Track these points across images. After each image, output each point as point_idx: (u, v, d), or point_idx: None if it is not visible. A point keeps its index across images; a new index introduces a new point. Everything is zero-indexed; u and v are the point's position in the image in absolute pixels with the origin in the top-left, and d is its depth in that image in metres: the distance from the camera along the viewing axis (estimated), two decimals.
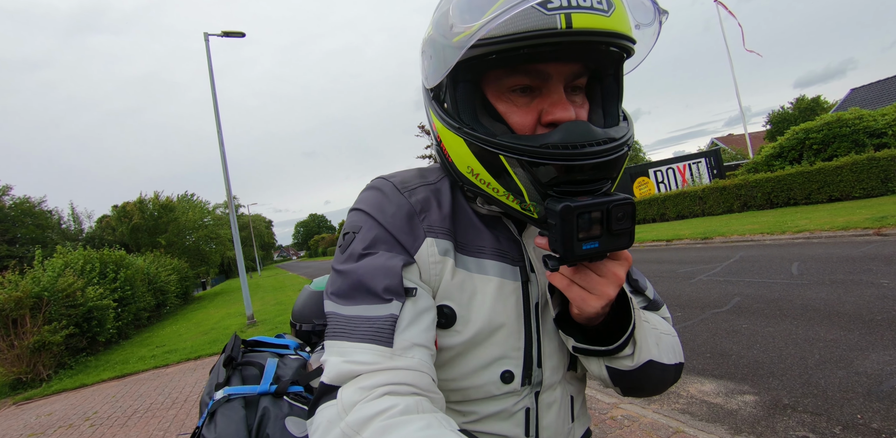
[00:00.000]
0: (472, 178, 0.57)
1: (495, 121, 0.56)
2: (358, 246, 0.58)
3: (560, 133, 0.51)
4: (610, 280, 0.53)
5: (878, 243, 6.35)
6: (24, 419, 5.38)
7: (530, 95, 0.55)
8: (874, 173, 10.82)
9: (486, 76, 0.56)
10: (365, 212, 0.61)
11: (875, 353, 2.99)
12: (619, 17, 0.50)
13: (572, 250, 0.48)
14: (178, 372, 6.43)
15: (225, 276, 53.54)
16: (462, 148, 0.55)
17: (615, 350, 0.58)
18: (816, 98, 33.95)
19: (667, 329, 0.68)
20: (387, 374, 0.48)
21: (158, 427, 4.16)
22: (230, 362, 1.05)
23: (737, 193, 13.73)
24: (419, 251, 0.58)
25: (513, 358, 0.61)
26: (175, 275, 18.03)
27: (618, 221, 0.48)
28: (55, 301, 7.98)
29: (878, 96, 21.93)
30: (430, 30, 0.57)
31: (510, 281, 0.62)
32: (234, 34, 10.01)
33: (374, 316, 0.52)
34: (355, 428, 0.43)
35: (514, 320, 0.61)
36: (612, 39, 0.50)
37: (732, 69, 21.27)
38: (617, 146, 0.51)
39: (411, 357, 0.51)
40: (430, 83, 0.59)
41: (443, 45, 0.53)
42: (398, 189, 0.63)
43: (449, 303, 0.59)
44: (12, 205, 28.61)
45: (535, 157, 0.50)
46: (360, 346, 0.51)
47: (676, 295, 5.46)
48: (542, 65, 0.52)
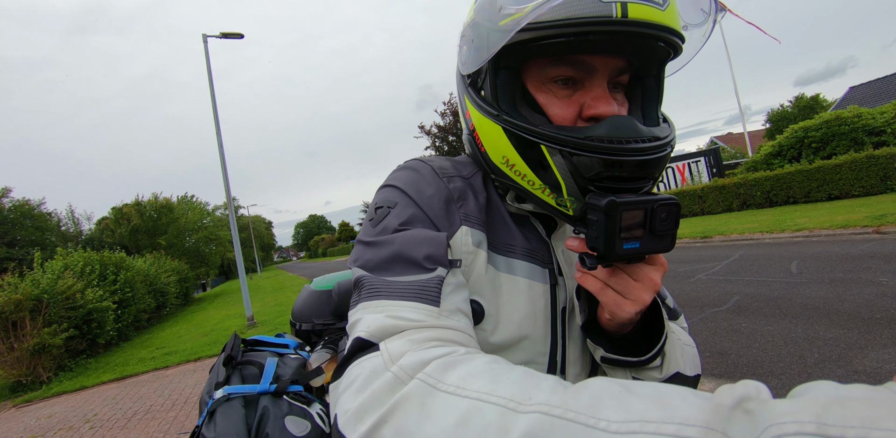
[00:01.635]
0: (506, 169, 0.54)
1: (534, 112, 0.54)
2: (394, 221, 0.54)
3: (606, 126, 0.49)
4: (646, 285, 0.50)
5: (877, 241, 6.35)
6: (23, 421, 5.37)
7: (572, 88, 0.53)
8: (873, 171, 10.83)
9: (527, 65, 0.54)
10: (401, 189, 0.58)
11: (874, 352, 2.99)
12: (673, 13, 0.49)
13: (613, 248, 0.45)
14: (178, 374, 6.42)
15: (225, 277, 53.50)
16: (500, 137, 0.53)
17: (646, 361, 0.55)
18: (816, 96, 34.03)
19: (688, 340, 0.66)
20: (436, 331, 0.43)
21: (158, 428, 4.15)
22: (230, 361, 1.05)
23: (736, 192, 13.74)
24: (454, 238, 0.55)
25: (539, 363, 0.59)
26: (175, 277, 18.02)
27: (661, 222, 0.46)
28: (55, 303, 7.97)
29: (877, 94, 21.96)
30: (471, 15, 0.56)
31: (539, 283, 0.59)
32: (232, 36, 10.00)
33: (421, 277, 0.48)
34: (409, 372, 0.37)
35: (542, 324, 0.59)
36: (665, 34, 0.48)
37: (731, 68, 21.30)
38: (663, 145, 0.50)
39: (458, 320, 0.47)
40: (468, 69, 0.57)
41: (488, 29, 0.51)
42: (437, 173, 0.60)
43: (478, 298, 0.56)
44: (12, 208, 28.61)
45: (579, 149, 0.48)
46: (404, 304, 0.46)
47: (676, 294, 5.46)
48: (589, 56, 0.51)
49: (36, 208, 29.97)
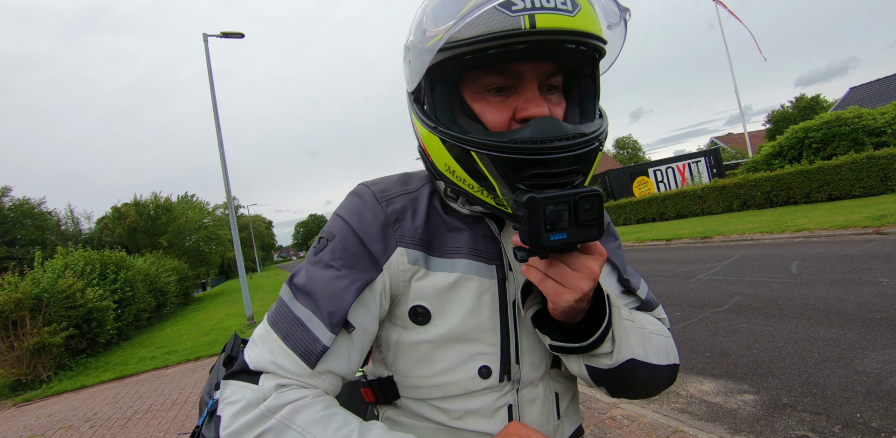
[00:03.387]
0: (450, 176, 0.59)
1: (472, 121, 0.57)
2: (327, 256, 0.62)
3: (530, 128, 0.53)
4: (583, 273, 0.53)
5: (877, 242, 6.35)
6: (23, 420, 5.38)
7: (506, 94, 0.57)
8: (873, 172, 10.82)
9: (463, 78, 0.58)
10: (344, 219, 0.65)
11: (874, 352, 2.99)
12: (586, 17, 0.51)
13: (539, 241, 0.49)
14: (178, 373, 6.43)
15: (225, 277, 53.52)
16: (440, 147, 0.57)
17: (589, 346, 0.58)
18: (816, 97, 34.01)
19: (658, 329, 0.68)
20: (300, 385, 0.57)
21: (158, 428, 4.16)
22: (230, 361, 1.05)
23: (736, 192, 13.74)
24: (390, 259, 0.62)
25: (489, 353, 0.63)
26: (175, 276, 18.03)
27: (585, 212, 0.49)
28: (55, 302, 7.97)
29: (878, 95, 21.93)
30: (409, 36, 0.60)
31: (485, 279, 0.63)
32: (233, 35, 10.01)
33: (316, 337, 0.57)
34: (272, 411, 0.53)
35: (489, 317, 0.63)
36: (579, 38, 0.51)
37: (731, 68, 21.29)
38: (586, 141, 0.53)
39: (324, 379, 0.58)
40: (410, 86, 0.62)
41: (419, 50, 0.56)
42: (377, 198, 0.65)
43: (422, 303, 0.62)
44: (12, 207, 28.58)
45: (502, 152, 0.52)
46: (289, 354, 0.57)
47: (676, 294, 5.46)
48: (515, 64, 0.54)
49: (36, 207, 29.93)
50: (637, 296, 0.72)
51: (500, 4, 0.48)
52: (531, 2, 0.48)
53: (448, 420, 0.64)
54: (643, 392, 0.66)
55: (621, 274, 0.71)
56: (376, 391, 0.70)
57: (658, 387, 0.66)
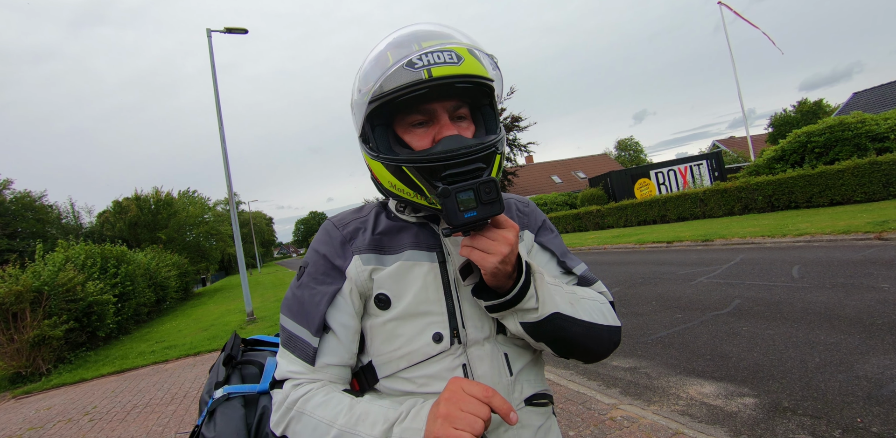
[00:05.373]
0: (394, 190, 0.77)
1: (404, 148, 0.76)
2: (305, 280, 0.81)
3: (441, 144, 0.72)
4: (500, 241, 0.66)
5: (879, 247, 6.34)
6: (23, 413, 5.39)
7: (426, 126, 0.75)
8: (876, 177, 10.79)
9: (393, 119, 0.77)
10: (314, 248, 0.84)
11: (875, 357, 2.98)
12: (470, 65, 0.70)
13: (457, 218, 0.64)
14: (177, 368, 6.44)
15: (225, 273, 53.62)
16: (383, 170, 0.75)
17: (513, 299, 0.70)
18: (819, 101, 33.97)
19: (591, 295, 0.82)
20: (308, 380, 0.77)
21: (157, 422, 4.17)
22: (230, 361, 1.06)
23: (738, 196, 13.72)
24: (349, 267, 0.79)
25: (439, 322, 0.77)
26: (175, 271, 18.06)
27: (486, 194, 0.64)
28: (55, 295, 7.99)
29: (881, 100, 21.88)
30: (352, 96, 0.79)
31: (426, 262, 0.79)
32: (236, 30, 10.00)
33: (306, 342, 0.76)
34: (290, 405, 0.73)
35: (435, 292, 0.78)
36: (466, 79, 0.70)
37: (735, 71, 21.26)
38: (483, 148, 0.71)
39: (326, 372, 0.77)
40: (357, 131, 0.81)
41: (358, 103, 0.76)
42: (336, 226, 0.85)
43: (383, 291, 0.78)
44: (13, 199, 28.59)
45: (423, 163, 0.69)
46: (293, 359, 0.77)
47: (677, 296, 5.46)
48: (427, 104, 0.73)
49: (37, 200, 29.91)
50: (574, 274, 0.87)
51: (406, 64, 0.68)
52: (427, 60, 0.68)
53: (415, 388, 0.76)
54: (586, 351, 0.78)
55: (559, 258, 0.88)
56: (360, 379, 0.81)
57: (600, 345, 0.77)
